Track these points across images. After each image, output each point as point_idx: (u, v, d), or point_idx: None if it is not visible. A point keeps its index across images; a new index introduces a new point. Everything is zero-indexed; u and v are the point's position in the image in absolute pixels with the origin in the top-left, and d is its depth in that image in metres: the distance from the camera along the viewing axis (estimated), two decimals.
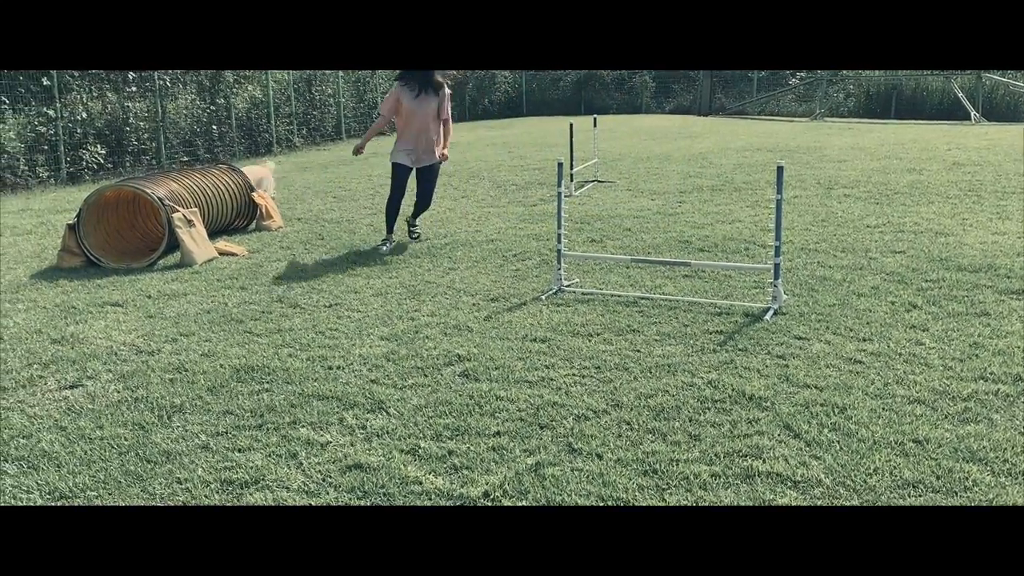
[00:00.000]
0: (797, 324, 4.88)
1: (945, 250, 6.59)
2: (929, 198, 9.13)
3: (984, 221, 7.74)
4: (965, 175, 10.82)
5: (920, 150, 14.14)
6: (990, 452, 3.22)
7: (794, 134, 18.79)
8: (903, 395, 3.82)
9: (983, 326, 4.74)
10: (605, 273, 6.25)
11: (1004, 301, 5.21)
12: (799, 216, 8.29)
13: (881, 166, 12.05)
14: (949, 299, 5.28)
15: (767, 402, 3.79)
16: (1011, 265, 6.04)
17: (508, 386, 4.10)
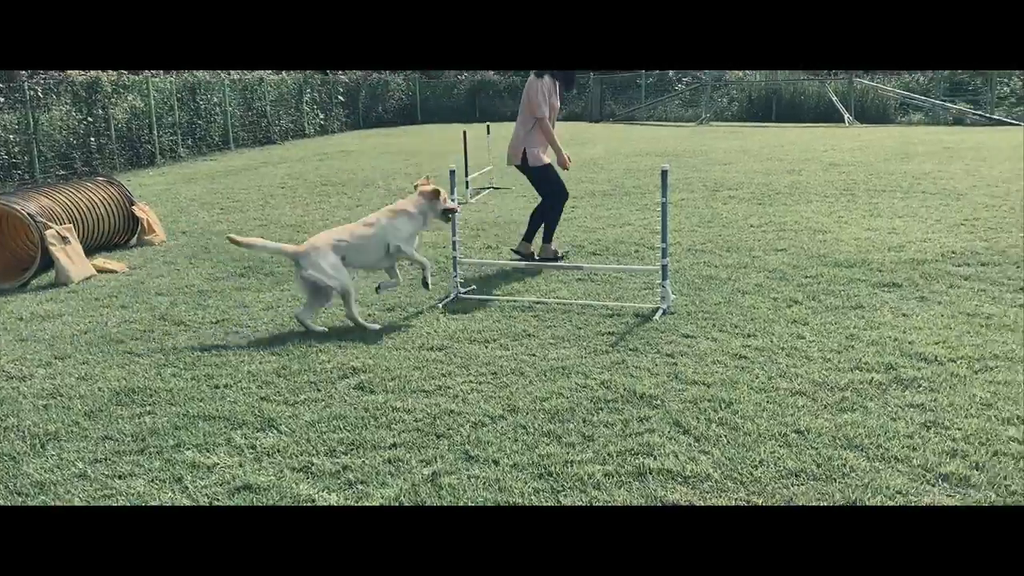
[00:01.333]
0: (685, 323, 5.01)
1: (823, 247, 6.92)
2: (808, 198, 9.57)
3: (858, 218, 8.17)
4: (840, 175, 11.40)
5: (799, 152, 14.83)
6: (865, 439, 3.39)
7: (681, 138, 19.38)
8: (786, 388, 3.97)
9: (858, 318, 4.99)
10: (501, 279, 6.27)
11: (876, 294, 5.50)
12: (686, 218, 8.55)
13: (763, 168, 12.57)
14: (827, 294, 5.54)
15: (657, 400, 3.87)
16: (882, 260, 6.38)
17: (404, 396, 4.05)
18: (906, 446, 3.31)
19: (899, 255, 6.51)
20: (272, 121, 21.82)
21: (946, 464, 3.14)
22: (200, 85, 18.76)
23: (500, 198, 10.50)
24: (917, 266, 6.15)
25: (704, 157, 14.57)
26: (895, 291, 5.54)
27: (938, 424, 3.49)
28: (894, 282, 5.74)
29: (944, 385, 3.91)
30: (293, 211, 9.91)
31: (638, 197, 10.10)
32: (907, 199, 9.18)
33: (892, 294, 5.49)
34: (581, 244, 7.45)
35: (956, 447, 3.27)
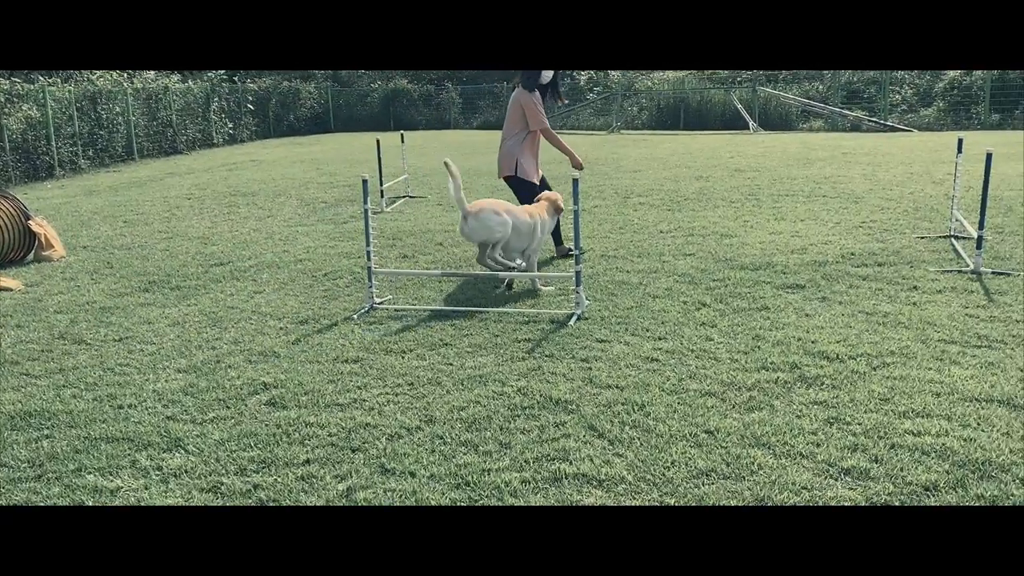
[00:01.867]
0: (599, 328, 5.09)
1: (729, 251, 7.12)
2: (715, 203, 9.84)
3: (762, 222, 8.44)
4: (745, 180, 11.77)
5: (706, 158, 15.25)
6: (772, 436, 3.50)
7: (594, 146, 19.69)
8: (696, 389, 4.07)
9: (764, 319, 5.15)
10: (418, 288, 6.24)
11: (781, 295, 5.69)
12: (599, 225, 8.68)
13: (672, 175, 12.87)
14: (734, 296, 5.70)
15: (573, 405, 3.92)
16: (786, 262, 6.62)
17: (318, 411, 3.98)
18: (810, 442, 3.43)
19: (802, 257, 6.76)
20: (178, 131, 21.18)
21: (848, 458, 3.27)
22: (101, 94, 18.06)
23: (416, 207, 10.45)
24: (819, 267, 6.40)
25: (615, 165, 14.84)
26: (798, 292, 5.75)
27: (840, 420, 3.63)
28: (797, 283, 5.96)
29: (845, 382, 4.07)
30: (200, 223, 9.64)
31: None
32: (809, 203, 9.54)
33: (796, 295, 5.69)
34: None
35: (857, 442, 3.41)
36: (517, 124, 6.77)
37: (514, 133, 6.80)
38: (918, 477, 3.09)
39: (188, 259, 7.55)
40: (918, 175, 11.68)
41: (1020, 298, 5.39)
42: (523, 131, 6.74)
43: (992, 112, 22.79)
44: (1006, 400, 3.76)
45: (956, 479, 3.06)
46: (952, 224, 7.49)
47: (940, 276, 6.00)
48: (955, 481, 3.05)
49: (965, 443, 3.34)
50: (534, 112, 6.64)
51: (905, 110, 24.35)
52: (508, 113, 6.88)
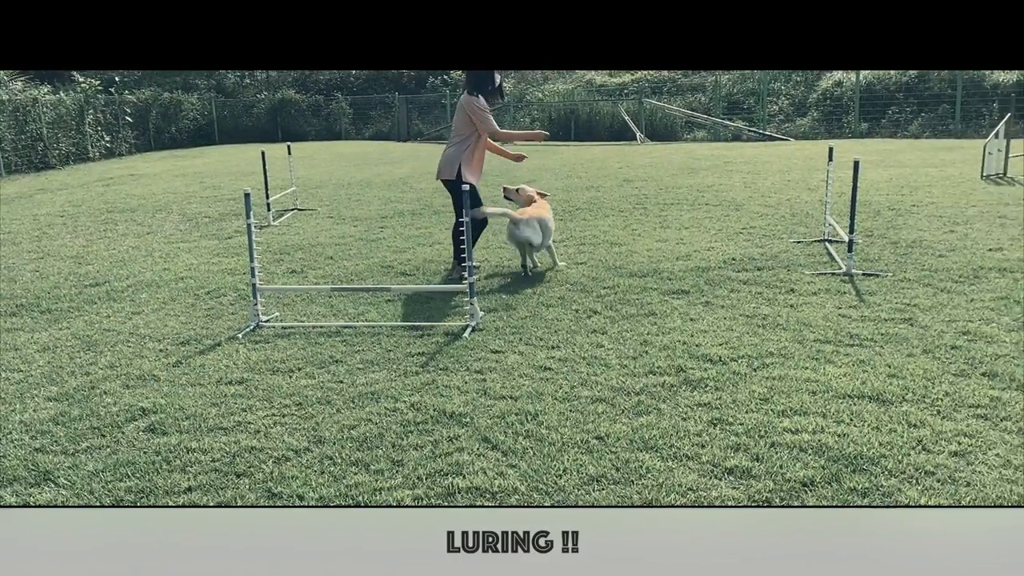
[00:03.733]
0: (493, 338, 5.09)
1: (619, 259, 7.28)
2: (605, 212, 10.05)
3: (649, 230, 8.67)
4: (634, 190, 12.07)
5: (597, 169, 15.57)
6: (659, 439, 3.58)
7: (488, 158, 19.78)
8: (587, 395, 4.13)
9: (651, 325, 5.28)
10: (307, 304, 6.09)
11: (667, 301, 5.85)
12: (493, 235, 8.71)
13: (564, 185, 13.07)
14: (623, 303, 5.82)
15: (467, 418, 3.90)
16: (672, 268, 6.81)
17: (200, 436, 3.82)
18: (695, 444, 3.53)
19: (687, 263, 6.97)
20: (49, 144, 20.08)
21: (731, 458, 3.38)
22: None
23: (305, 220, 10.23)
24: (702, 273, 6.61)
25: (508, 175, 14.95)
26: (684, 297, 5.92)
27: (723, 421, 3.75)
28: (682, 289, 6.13)
29: (727, 383, 4.21)
30: (74, 241, 9.15)
31: (447, 216, 10.17)
32: (693, 211, 9.86)
33: (681, 300, 5.85)
34: (390, 265, 7.39)
35: (739, 441, 3.53)
36: (464, 129, 6.67)
37: (461, 138, 6.68)
38: (796, 473, 3.22)
39: (60, 280, 7.14)
40: (794, 182, 12.25)
41: (888, 298, 5.71)
42: (469, 136, 6.66)
43: (861, 121, 24.17)
44: (875, 396, 3.97)
45: (831, 474, 3.21)
46: (826, 229, 7.88)
47: (815, 279, 6.30)
48: (830, 476, 3.19)
49: (839, 438, 3.50)
50: (482, 118, 6.58)
51: (782, 120, 25.54)
52: (455, 118, 6.80)
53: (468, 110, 6.59)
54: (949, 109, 23.33)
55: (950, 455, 3.33)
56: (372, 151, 22.66)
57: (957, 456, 3.33)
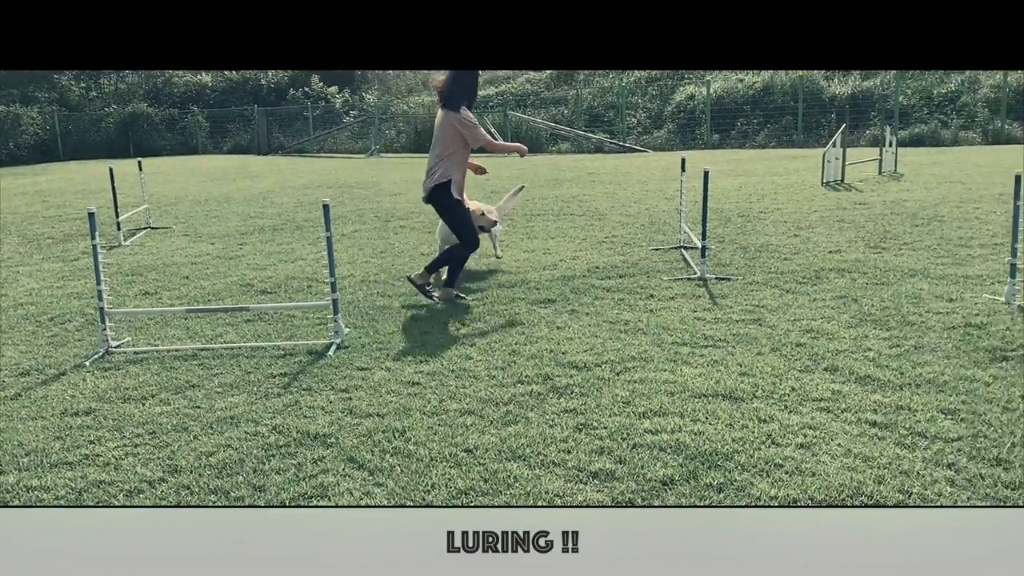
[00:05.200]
0: (360, 355, 5.01)
1: (487, 270, 7.33)
2: None
3: (517, 241, 8.78)
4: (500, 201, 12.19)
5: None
6: (527, 448, 3.62)
7: (352, 170, 19.55)
8: (456, 408, 4.12)
9: (519, 334, 5.34)
10: (161, 327, 5.80)
11: (535, 310, 5.93)
12: (359, 249, 8.60)
13: None
14: (492, 314, 5.86)
15: (332, 438, 3.81)
16: (539, 278, 6.92)
17: (42, 473, 3.56)
18: (562, 450, 3.59)
19: (553, 273, 7.11)
20: None
21: (595, 462, 3.46)
22: None
23: (159, 239, 9.76)
24: (568, 282, 6.76)
25: (375, 188, 14.81)
26: (550, 306, 6.03)
27: (588, 425, 3.84)
28: (549, 298, 6.24)
29: (592, 389, 4.31)
30: None
31: (310, 231, 9.97)
32: (558, 221, 10.07)
33: (548, 309, 5.95)
34: (250, 283, 7.15)
35: (603, 445, 3.62)
36: (451, 145, 6.23)
37: (447, 155, 6.26)
38: (656, 473, 3.33)
39: None
40: (652, 192, 12.73)
41: (739, 300, 6.01)
42: (455, 153, 6.25)
43: (713, 133, 25.41)
44: (728, 394, 4.16)
45: (689, 471, 3.33)
46: (681, 236, 8.22)
47: (672, 284, 6.55)
48: (688, 473, 3.32)
49: (696, 437, 3.65)
50: (475, 132, 6.21)
51: (640, 132, 26.50)
52: (437, 135, 6.33)
53: (458, 126, 6.18)
54: (792, 120, 24.89)
55: (797, 447, 3.54)
56: (231, 166, 21.91)
57: (803, 448, 3.53)
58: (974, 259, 7.01)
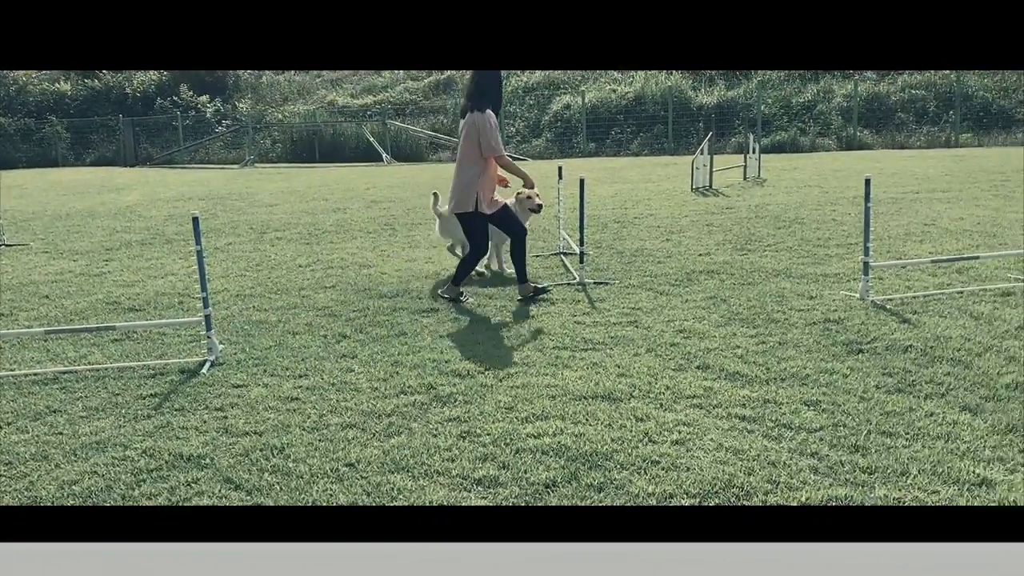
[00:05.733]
0: (235, 372, 4.86)
1: (368, 280, 7.24)
2: (353, 234, 9.97)
3: (398, 251, 8.73)
4: (382, 211, 12.10)
5: (343, 191, 15.42)
6: (411, 459, 3.60)
7: (226, 181, 18.92)
8: (337, 423, 4.05)
9: (401, 345, 5.30)
10: (18, 351, 5.44)
11: (417, 320, 5.91)
12: (233, 263, 8.33)
13: (310, 207, 12.81)
14: (374, 325, 5.80)
15: (207, 459, 3.68)
16: (421, 288, 6.89)
17: None
18: (446, 459, 3.59)
19: (436, 281, 7.09)
20: None
21: (479, 469, 3.47)
22: None
23: (14, 256, 9.14)
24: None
25: (250, 199, 14.39)
26: (433, 315, 6.01)
27: (472, 433, 3.85)
28: (432, 307, 6.23)
29: (475, 396, 4.33)
30: None
31: (181, 244, 9.58)
32: None
33: (431, 318, 5.94)
34: (117, 300, 6.81)
35: (487, 451, 3.64)
36: (477, 157, 6.00)
37: (472, 162, 6.00)
38: (539, 476, 3.37)
39: None
40: None
41: (616, 303, 6.18)
42: (485, 169, 6.01)
43: (589, 141, 26.03)
44: (607, 395, 4.27)
45: (570, 473, 3.40)
46: (560, 243, 8.38)
47: (553, 289, 6.66)
48: (570, 475, 3.38)
49: (576, 438, 3.72)
50: (494, 137, 5.93)
51: (520, 141, 26.86)
52: (462, 148, 6.09)
53: (480, 127, 5.92)
54: (663, 129, 25.82)
55: (672, 444, 3.66)
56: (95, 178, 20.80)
57: (678, 444, 3.66)
58: (831, 258, 7.46)
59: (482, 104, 6.01)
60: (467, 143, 6.05)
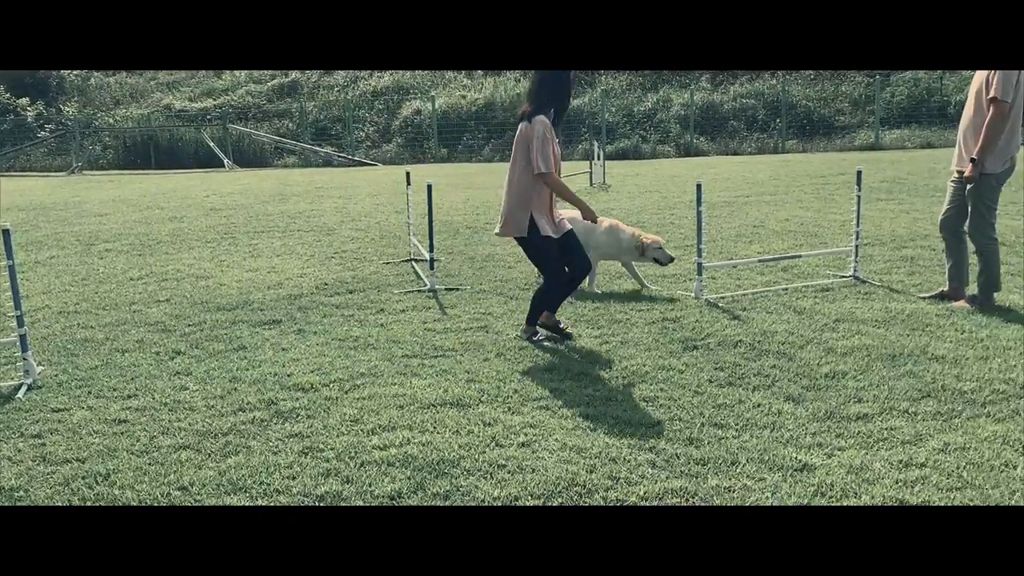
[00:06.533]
0: (56, 395, 4.49)
1: (206, 293, 6.91)
2: (190, 244, 9.49)
3: (239, 260, 8.38)
4: (222, 219, 11.59)
5: (181, 198, 14.67)
6: (248, 479, 3.44)
7: (50, 189, 17.62)
8: (169, 444, 3.82)
9: (241, 359, 5.08)
10: None
11: (258, 333, 5.68)
12: (57, 277, 7.74)
13: (143, 217, 12.10)
14: (210, 339, 5.52)
15: (21, 491, 3.37)
16: (263, 299, 6.64)
17: None
18: (287, 476, 3.45)
19: (278, 292, 6.86)
20: None
21: (322, 485, 3.37)
22: None
23: None
24: (295, 300, 6.55)
25: (77, 209, 13.45)
26: (276, 327, 5.80)
27: (314, 448, 3.73)
28: (275, 319, 6.01)
29: (319, 410, 4.21)
30: None
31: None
32: (284, 238, 9.76)
33: (273, 331, 5.73)
34: None
35: (330, 467, 3.53)
36: (528, 173, 5.06)
37: (526, 178, 5.06)
38: (384, 488, 3.31)
39: None
40: (383, 205, 12.76)
41: (467, 309, 6.18)
42: (537, 185, 5.07)
43: (441, 147, 26.04)
44: (456, 401, 4.26)
45: (416, 483, 3.35)
46: (411, 249, 8.31)
47: (403, 297, 6.59)
48: (416, 485, 3.34)
49: (423, 447, 3.68)
50: (542, 151, 4.96)
51: (369, 146, 26.51)
52: (514, 151, 5.16)
53: (529, 137, 5.01)
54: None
55: (519, 446, 3.69)
56: None
57: (524, 446, 3.69)
58: None
59: (537, 110, 5.05)
60: (516, 155, 5.14)
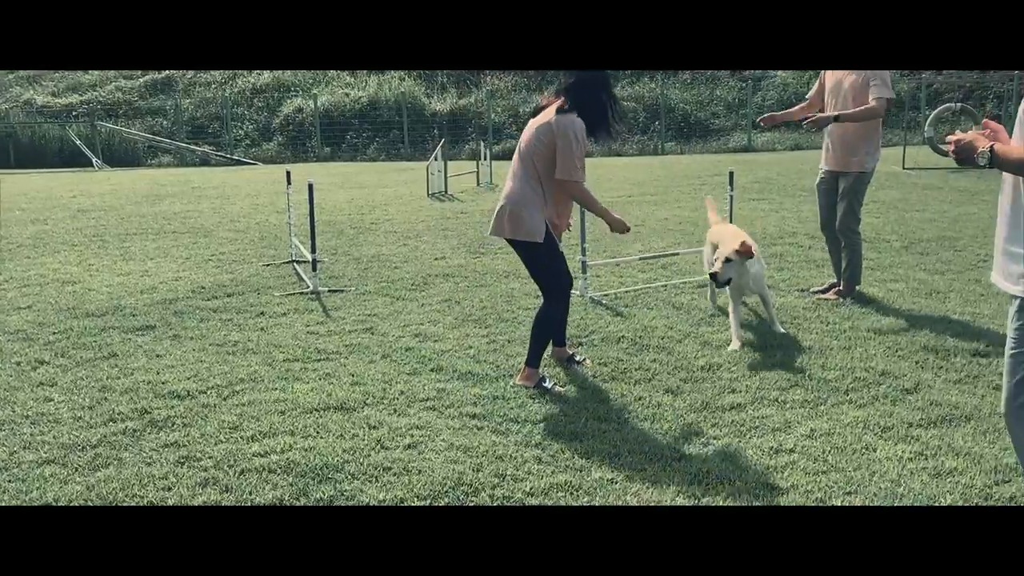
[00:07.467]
0: None
1: (73, 299, 6.53)
2: (55, 248, 8.96)
3: (110, 264, 7.97)
4: (90, 221, 10.99)
5: (44, 199, 13.82)
6: (120, 492, 3.28)
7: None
8: (31, 460, 3.60)
9: (111, 368, 4.83)
10: None
11: (130, 339, 5.42)
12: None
13: (1, 219, 11.33)
14: (78, 347, 5.23)
15: None
16: (135, 304, 6.34)
17: None
18: (161, 488, 3.31)
19: (152, 296, 6.56)
20: None
21: (199, 495, 3.25)
22: None
23: None
24: (169, 305, 6.29)
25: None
26: (149, 333, 5.55)
27: (191, 458, 3.59)
28: (148, 324, 5.75)
29: (196, 418, 4.05)
30: None
31: None
32: (158, 240, 9.34)
33: (146, 337, 5.48)
34: None
35: (208, 476, 3.41)
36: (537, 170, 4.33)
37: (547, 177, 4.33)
38: (265, 496, 3.22)
39: None
40: (263, 206, 12.40)
41: (352, 311, 6.09)
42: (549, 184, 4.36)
43: (324, 145, 25.54)
44: (339, 405, 4.19)
45: (299, 489, 3.28)
46: (292, 250, 8.11)
47: (285, 299, 6.43)
48: (298, 491, 3.26)
49: (306, 453, 3.61)
50: (568, 156, 4.20)
51: (249, 144, 25.72)
52: (531, 143, 4.34)
53: (559, 137, 4.21)
54: (399, 134, 25.97)
55: (404, 448, 3.67)
56: None
57: (411, 448, 3.67)
58: None
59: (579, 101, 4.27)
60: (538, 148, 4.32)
